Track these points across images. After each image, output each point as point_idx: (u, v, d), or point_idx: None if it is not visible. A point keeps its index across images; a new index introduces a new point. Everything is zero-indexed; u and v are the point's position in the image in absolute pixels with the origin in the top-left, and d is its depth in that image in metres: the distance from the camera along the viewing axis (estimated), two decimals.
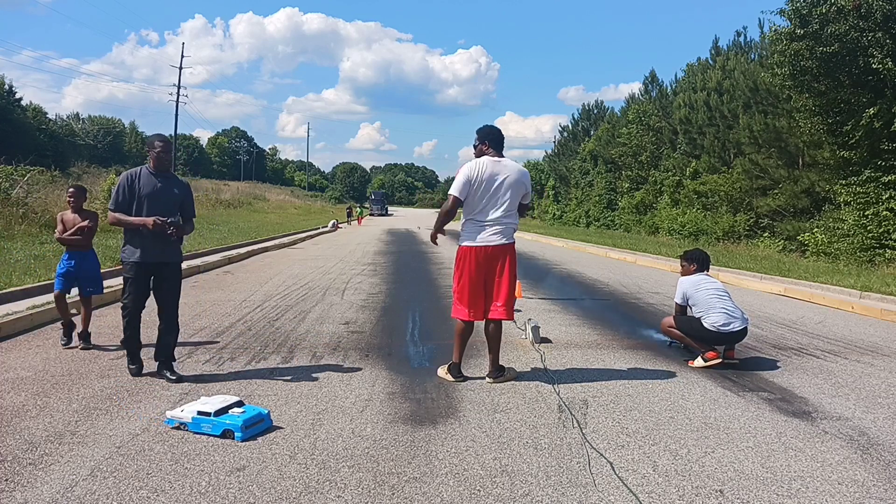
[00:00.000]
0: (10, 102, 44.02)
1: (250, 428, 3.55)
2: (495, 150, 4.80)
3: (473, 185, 4.62)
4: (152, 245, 4.64)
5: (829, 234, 16.51)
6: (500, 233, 4.65)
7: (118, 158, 65.80)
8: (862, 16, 13.85)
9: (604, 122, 42.01)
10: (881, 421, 4.03)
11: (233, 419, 3.53)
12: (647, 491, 2.94)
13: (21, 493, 2.80)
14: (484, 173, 4.62)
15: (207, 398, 3.79)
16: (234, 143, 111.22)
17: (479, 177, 4.62)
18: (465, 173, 4.64)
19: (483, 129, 4.89)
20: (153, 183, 4.68)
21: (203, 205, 32.69)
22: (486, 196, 4.63)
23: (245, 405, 3.77)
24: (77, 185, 6.13)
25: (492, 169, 4.65)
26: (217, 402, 3.69)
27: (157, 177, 4.72)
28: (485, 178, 4.62)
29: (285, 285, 10.12)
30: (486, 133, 4.85)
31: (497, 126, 4.92)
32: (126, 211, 4.62)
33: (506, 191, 4.64)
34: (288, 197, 67.47)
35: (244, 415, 3.58)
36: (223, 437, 3.50)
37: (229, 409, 3.64)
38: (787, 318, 8.03)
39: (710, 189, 24.24)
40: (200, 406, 3.64)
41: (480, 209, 4.64)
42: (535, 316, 7.19)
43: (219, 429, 3.53)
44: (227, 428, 3.51)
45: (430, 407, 4.13)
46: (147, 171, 4.71)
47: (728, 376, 5.05)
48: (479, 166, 4.65)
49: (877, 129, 14.43)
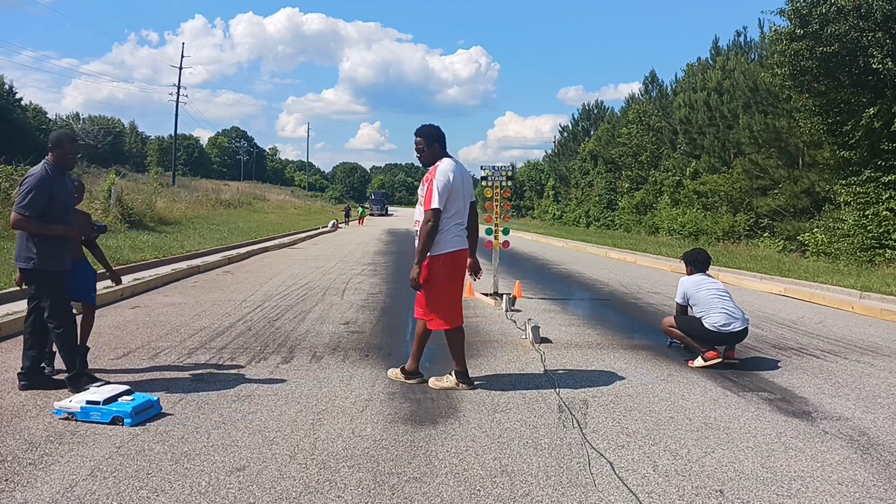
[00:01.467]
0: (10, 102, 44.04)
1: (140, 414, 3.70)
2: (444, 149, 4.58)
3: (453, 191, 4.36)
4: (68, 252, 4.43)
5: (829, 234, 16.52)
6: (464, 237, 4.53)
7: (118, 158, 65.80)
8: (862, 16, 13.85)
9: (604, 122, 42.04)
10: (881, 421, 4.03)
11: (122, 406, 3.68)
12: (647, 491, 2.94)
13: (21, 493, 2.80)
14: (458, 178, 4.41)
15: (97, 388, 3.94)
16: (234, 143, 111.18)
17: (457, 180, 4.39)
18: (445, 181, 4.32)
19: (432, 130, 4.57)
20: (63, 184, 4.37)
21: (203, 205, 32.68)
22: (457, 202, 4.42)
23: (135, 393, 3.91)
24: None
25: (460, 170, 4.47)
26: (107, 391, 3.83)
27: (63, 177, 4.40)
28: (459, 181, 4.41)
29: (285, 285, 10.12)
30: (435, 134, 4.57)
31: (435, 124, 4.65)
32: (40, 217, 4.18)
33: (467, 194, 4.54)
34: (288, 197, 67.45)
35: (133, 402, 3.72)
36: (112, 423, 3.64)
37: (118, 397, 3.78)
38: (787, 318, 8.03)
39: (710, 189, 24.25)
40: (90, 396, 3.77)
41: (456, 214, 4.43)
42: (535, 316, 7.19)
43: (108, 416, 3.66)
44: (117, 415, 3.65)
45: (430, 407, 4.13)
46: (56, 172, 4.31)
47: (728, 376, 5.05)
48: (454, 171, 4.40)
49: (877, 129, 14.44)
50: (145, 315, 7.14)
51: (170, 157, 59.51)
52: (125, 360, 5.17)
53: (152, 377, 4.69)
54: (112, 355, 5.34)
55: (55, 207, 4.24)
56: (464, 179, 4.49)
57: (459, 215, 4.47)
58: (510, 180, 9.20)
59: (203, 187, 45.24)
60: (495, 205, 9.10)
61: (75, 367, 4.30)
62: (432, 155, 4.53)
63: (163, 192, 28.53)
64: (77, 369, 4.30)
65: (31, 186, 4.16)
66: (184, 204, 29.00)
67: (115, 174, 23.62)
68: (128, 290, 8.65)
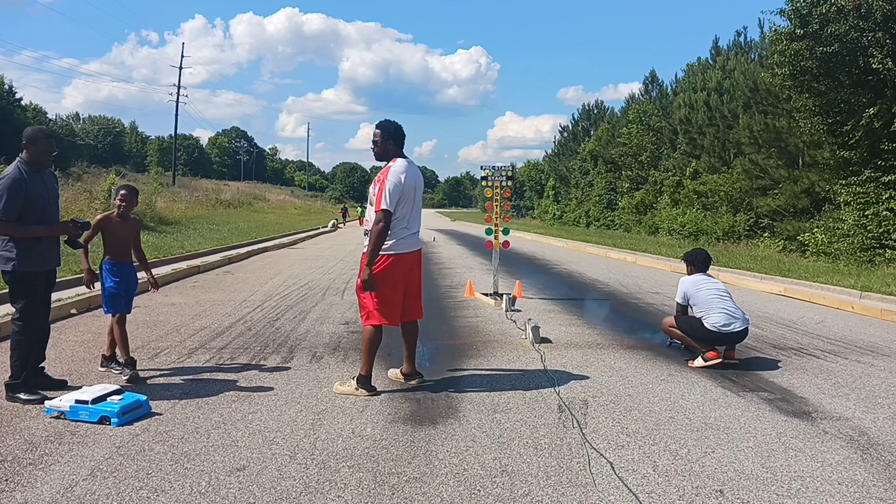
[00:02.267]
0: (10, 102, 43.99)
1: (128, 414, 3.69)
2: (399, 148, 4.48)
3: (405, 192, 4.28)
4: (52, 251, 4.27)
5: (829, 234, 16.51)
6: (418, 239, 4.52)
7: (118, 158, 65.83)
8: (862, 16, 13.85)
9: (604, 122, 42.04)
10: (881, 421, 4.03)
11: (110, 406, 3.68)
12: (647, 491, 2.94)
13: (21, 493, 2.80)
14: (409, 179, 4.31)
15: (88, 387, 3.92)
16: (234, 143, 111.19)
17: (407, 181, 4.29)
18: (396, 181, 4.23)
19: (391, 126, 4.46)
20: (41, 181, 4.17)
21: (203, 205, 32.67)
22: (410, 201, 4.35)
23: (124, 393, 3.89)
24: (128, 184, 5.16)
25: (411, 170, 4.37)
26: (96, 390, 3.82)
27: (40, 174, 4.19)
28: (409, 181, 4.31)
29: (285, 285, 10.12)
30: (393, 131, 4.45)
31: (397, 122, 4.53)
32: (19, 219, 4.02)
33: (419, 196, 4.47)
34: (288, 197, 67.44)
35: (122, 402, 3.72)
36: (100, 423, 3.63)
37: (107, 396, 3.77)
38: (787, 318, 8.03)
39: (710, 189, 24.25)
40: (79, 395, 3.76)
41: (406, 216, 4.34)
42: (535, 316, 7.19)
43: (96, 416, 3.66)
44: (104, 414, 3.64)
45: (430, 407, 4.13)
46: (32, 171, 4.12)
47: (728, 376, 5.05)
48: (406, 173, 4.30)
49: (877, 129, 14.44)
50: (145, 315, 7.14)
51: (170, 157, 59.47)
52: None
53: (152, 377, 4.69)
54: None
55: (34, 207, 4.07)
56: (416, 183, 4.42)
57: (406, 219, 4.36)
58: (510, 180, 9.19)
59: (203, 187, 45.22)
60: (495, 205, 9.10)
61: (20, 376, 4.08)
62: (385, 151, 4.43)
63: (163, 192, 28.51)
64: (21, 379, 4.08)
65: (3, 189, 3.94)
66: (184, 204, 28.99)
67: (115, 174, 23.65)
68: None
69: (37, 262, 4.13)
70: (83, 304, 7.42)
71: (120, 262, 4.76)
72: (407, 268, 4.43)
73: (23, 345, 4.11)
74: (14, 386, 4.08)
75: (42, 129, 4.32)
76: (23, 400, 4.01)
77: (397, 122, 4.51)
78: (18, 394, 4.04)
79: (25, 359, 4.12)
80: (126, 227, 4.81)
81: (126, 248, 4.84)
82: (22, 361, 4.10)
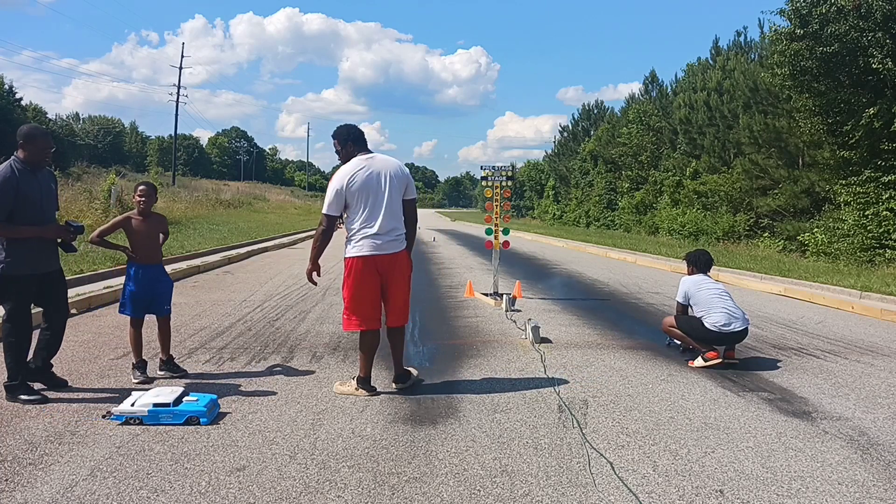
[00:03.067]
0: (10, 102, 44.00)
1: (211, 412, 3.74)
2: (361, 147, 4.38)
3: (347, 193, 4.18)
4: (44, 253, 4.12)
5: (829, 234, 16.51)
6: (391, 241, 4.25)
7: (118, 158, 65.83)
8: (862, 16, 13.85)
9: (604, 122, 42.04)
10: (881, 421, 4.03)
11: (195, 406, 3.68)
12: (647, 491, 2.94)
13: (21, 493, 2.80)
14: (357, 177, 4.18)
15: (155, 390, 3.86)
16: (234, 143, 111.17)
17: (353, 182, 4.17)
18: (335, 185, 4.19)
19: (343, 130, 4.42)
20: (35, 181, 4.05)
21: (203, 205, 32.67)
22: (366, 201, 4.19)
23: (191, 393, 3.90)
24: (146, 181, 5.11)
25: (365, 169, 4.22)
26: (167, 392, 3.78)
27: (34, 173, 4.07)
28: (359, 182, 4.18)
29: (285, 285, 10.12)
30: (347, 133, 4.39)
31: (347, 124, 4.49)
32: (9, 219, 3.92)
33: (385, 189, 4.22)
34: (288, 197, 67.43)
35: (200, 402, 3.73)
36: (186, 424, 3.61)
37: (182, 398, 3.77)
38: (787, 318, 8.03)
39: (710, 189, 24.24)
40: (153, 398, 3.70)
41: (363, 217, 4.20)
42: (535, 316, 7.19)
43: (182, 417, 3.64)
44: (193, 415, 3.65)
45: (430, 407, 4.13)
46: (25, 170, 4.00)
47: (728, 376, 5.05)
48: (350, 171, 4.21)
49: (877, 129, 14.44)
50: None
51: (170, 157, 59.51)
52: (125, 359, 5.17)
53: (152, 377, 4.69)
54: (112, 355, 5.34)
55: (27, 208, 3.96)
56: (371, 179, 4.20)
57: (365, 218, 4.19)
58: (510, 180, 9.19)
59: (203, 187, 45.22)
60: (495, 205, 9.10)
61: (17, 377, 4.03)
62: (347, 154, 4.37)
63: (163, 192, 28.50)
64: (17, 380, 4.04)
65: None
66: (184, 204, 28.99)
67: (115, 174, 23.65)
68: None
69: (28, 265, 4.00)
70: (83, 305, 7.42)
71: (144, 264, 4.66)
72: (381, 270, 4.23)
73: (13, 347, 4.03)
74: (13, 387, 4.05)
75: (39, 126, 4.21)
76: (23, 401, 3.99)
77: (349, 124, 4.47)
78: (19, 395, 4.02)
79: (19, 360, 4.05)
80: (149, 225, 4.73)
81: (150, 246, 4.74)
82: (16, 363, 4.04)
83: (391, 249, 4.25)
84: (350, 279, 4.25)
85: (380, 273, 4.25)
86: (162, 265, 4.88)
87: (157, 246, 4.81)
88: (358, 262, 4.21)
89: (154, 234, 4.77)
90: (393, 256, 4.27)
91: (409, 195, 4.40)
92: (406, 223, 4.41)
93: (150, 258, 4.70)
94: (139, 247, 4.67)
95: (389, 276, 4.29)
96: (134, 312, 4.63)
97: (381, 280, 4.27)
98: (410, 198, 4.42)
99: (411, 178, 4.49)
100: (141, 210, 4.69)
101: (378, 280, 4.26)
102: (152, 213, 4.80)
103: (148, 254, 4.70)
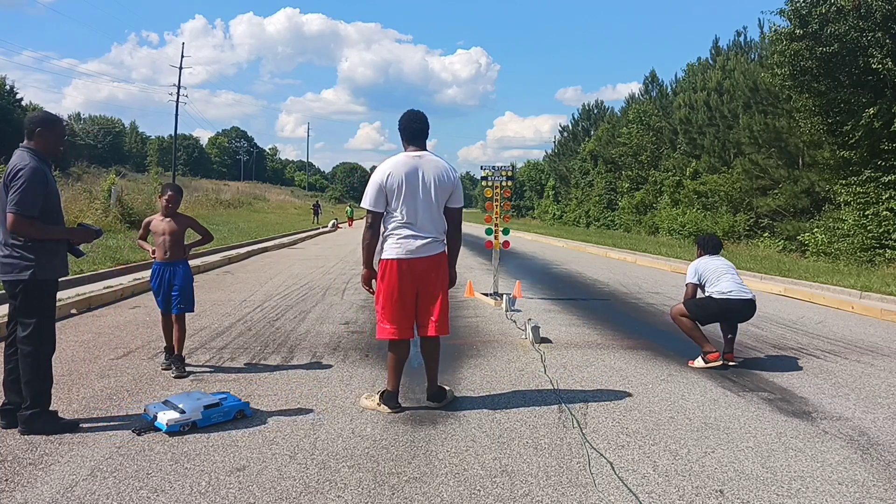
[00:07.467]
0: (11, 102, 44.03)
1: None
2: (412, 143, 4.02)
3: (387, 189, 3.88)
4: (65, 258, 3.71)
5: (829, 234, 16.52)
6: (427, 244, 3.93)
7: (118, 158, 65.86)
8: (862, 16, 13.86)
9: (604, 122, 42.07)
10: (881, 421, 4.03)
11: (235, 401, 3.86)
12: (647, 491, 2.94)
13: (21, 493, 2.80)
14: (398, 173, 3.88)
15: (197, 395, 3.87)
16: (234, 143, 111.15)
17: (393, 178, 3.88)
18: (375, 178, 3.92)
19: (401, 119, 4.07)
20: (52, 176, 3.63)
21: (203, 205, 32.72)
22: (404, 201, 3.88)
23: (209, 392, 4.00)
24: (173, 184, 5.20)
25: (409, 167, 3.91)
26: (204, 396, 3.85)
27: (50, 168, 3.66)
28: (400, 179, 3.87)
29: (285, 285, 10.12)
30: (400, 123, 4.06)
31: (415, 110, 4.09)
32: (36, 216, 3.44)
33: (427, 191, 3.91)
34: (288, 197, 67.50)
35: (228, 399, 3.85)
36: (235, 419, 3.76)
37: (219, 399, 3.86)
38: (787, 318, 8.03)
39: (710, 189, 24.27)
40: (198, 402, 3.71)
41: (400, 217, 3.90)
42: (535, 316, 7.18)
43: (231, 414, 3.76)
44: (240, 409, 3.81)
45: (430, 407, 4.12)
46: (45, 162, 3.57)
47: (728, 376, 5.05)
48: (391, 166, 3.92)
49: (877, 129, 14.44)
50: (145, 315, 7.14)
51: (170, 157, 59.47)
52: (125, 360, 5.17)
53: (152, 377, 4.69)
54: (112, 355, 5.34)
55: (52, 205, 3.54)
56: (409, 176, 3.89)
57: (404, 216, 3.90)
58: (510, 180, 9.19)
59: (203, 187, 45.26)
60: (495, 205, 9.10)
61: (40, 404, 3.48)
62: (404, 145, 4.08)
63: None
64: (41, 407, 3.48)
65: (26, 179, 3.35)
66: (184, 204, 28.76)
67: (115, 174, 23.64)
68: (128, 290, 8.65)
69: (56, 270, 3.58)
70: (83, 305, 7.42)
71: (161, 261, 4.98)
72: (416, 275, 3.93)
73: (39, 368, 3.47)
74: (35, 416, 3.45)
75: (53, 113, 3.79)
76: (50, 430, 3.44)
77: (409, 111, 4.10)
78: (45, 424, 3.46)
79: (45, 380, 3.51)
80: (172, 225, 4.98)
81: (171, 243, 4.96)
82: (41, 384, 3.49)
83: (427, 252, 3.93)
84: (383, 283, 3.95)
85: (415, 278, 3.94)
86: (180, 264, 5.03)
87: (176, 243, 5.00)
88: (392, 264, 3.91)
89: (176, 231, 4.99)
90: (429, 260, 3.95)
91: (454, 203, 4.04)
92: (449, 232, 4.09)
93: (166, 254, 4.97)
94: (157, 243, 5.01)
95: (425, 280, 3.97)
96: (159, 305, 5.04)
97: (416, 286, 3.96)
98: (456, 206, 4.06)
99: (460, 185, 4.09)
100: (167, 213, 4.99)
101: (413, 286, 3.95)
102: (178, 215, 5.07)
103: (165, 248, 4.97)
